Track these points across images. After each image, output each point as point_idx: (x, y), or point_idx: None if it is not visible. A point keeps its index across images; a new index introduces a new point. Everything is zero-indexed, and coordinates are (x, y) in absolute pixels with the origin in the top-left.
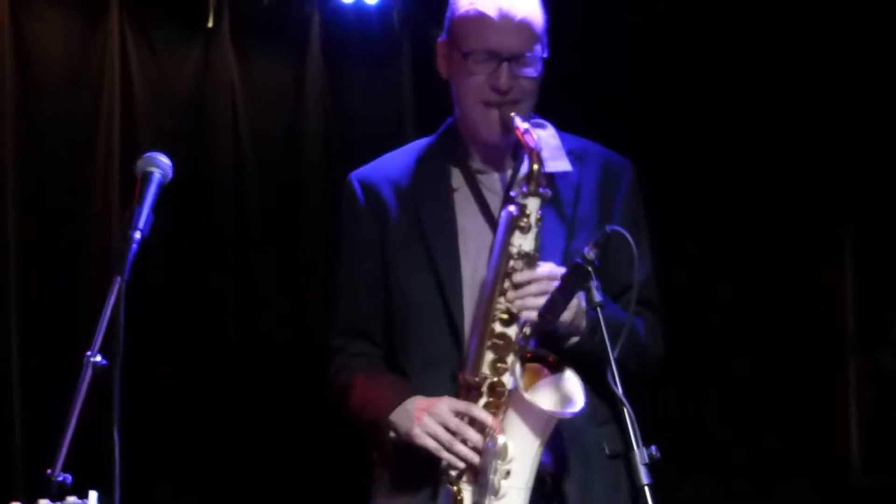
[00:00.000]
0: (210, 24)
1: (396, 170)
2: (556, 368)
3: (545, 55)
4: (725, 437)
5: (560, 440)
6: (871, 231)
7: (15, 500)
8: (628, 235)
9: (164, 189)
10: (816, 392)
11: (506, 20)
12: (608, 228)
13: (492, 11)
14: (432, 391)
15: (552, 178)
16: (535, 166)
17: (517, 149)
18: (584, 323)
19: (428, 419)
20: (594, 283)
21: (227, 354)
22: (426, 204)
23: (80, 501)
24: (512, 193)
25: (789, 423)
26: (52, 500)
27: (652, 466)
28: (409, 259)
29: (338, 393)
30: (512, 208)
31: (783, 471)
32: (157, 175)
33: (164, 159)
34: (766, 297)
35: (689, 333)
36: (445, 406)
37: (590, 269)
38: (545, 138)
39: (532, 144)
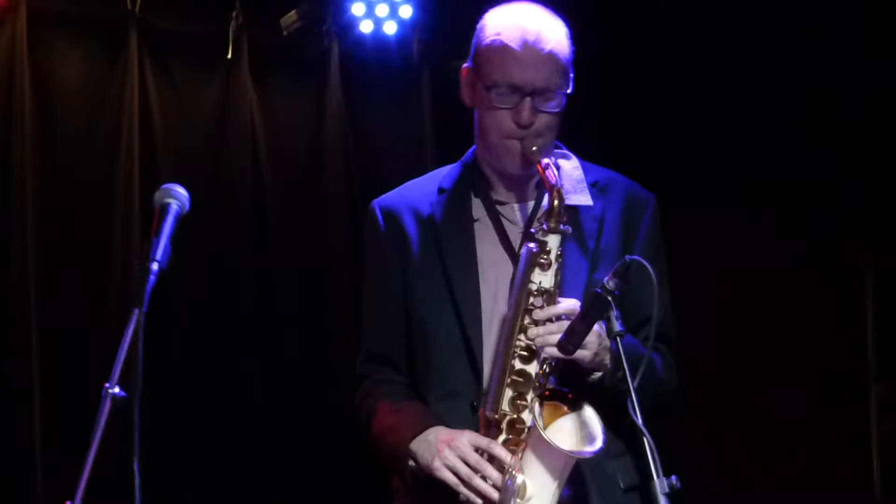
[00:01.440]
0: (229, 56)
1: (418, 198)
2: (574, 405)
3: (570, 90)
4: (749, 467)
5: (576, 473)
6: (891, 266)
7: None
8: (648, 266)
9: (182, 220)
10: (839, 421)
11: (531, 54)
12: (628, 258)
13: (517, 44)
14: (451, 421)
15: (575, 210)
16: (556, 203)
17: (539, 180)
18: (607, 358)
19: (448, 452)
20: (614, 313)
21: (249, 384)
22: (447, 233)
23: None
24: (532, 230)
25: (812, 453)
26: None
27: (672, 496)
28: (428, 288)
29: (362, 419)
30: (532, 245)
31: (806, 500)
32: (174, 206)
33: (182, 190)
34: (788, 328)
35: (711, 365)
36: (466, 440)
37: (609, 298)
38: (568, 171)
39: (553, 181)
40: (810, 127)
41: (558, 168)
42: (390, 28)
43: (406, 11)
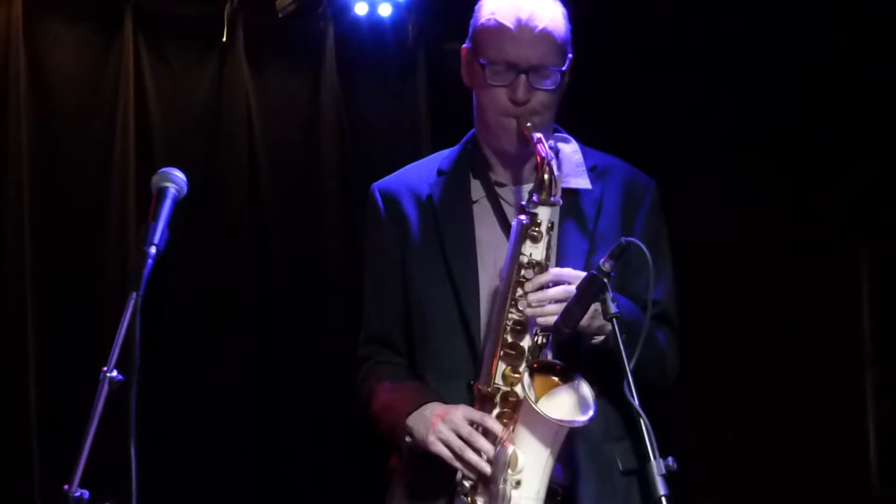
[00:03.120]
0: (224, 39)
1: (417, 180)
2: (566, 377)
3: (565, 68)
4: (745, 452)
5: (574, 454)
6: (886, 250)
7: None
8: (644, 247)
9: (179, 205)
10: (835, 405)
11: (525, 32)
12: (624, 240)
13: (511, 23)
14: (449, 400)
15: (574, 194)
16: (546, 175)
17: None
18: (608, 325)
19: (442, 426)
20: (609, 295)
21: (243, 368)
22: (445, 215)
23: None
24: (523, 203)
25: (808, 436)
26: None
27: (668, 478)
28: (427, 270)
29: (363, 398)
30: (523, 217)
31: (802, 484)
32: (172, 190)
33: (179, 174)
34: (785, 313)
35: (709, 349)
36: (460, 414)
37: (605, 280)
38: (567, 154)
39: (543, 153)
40: (809, 112)
41: (558, 151)
42: (385, 10)
43: None
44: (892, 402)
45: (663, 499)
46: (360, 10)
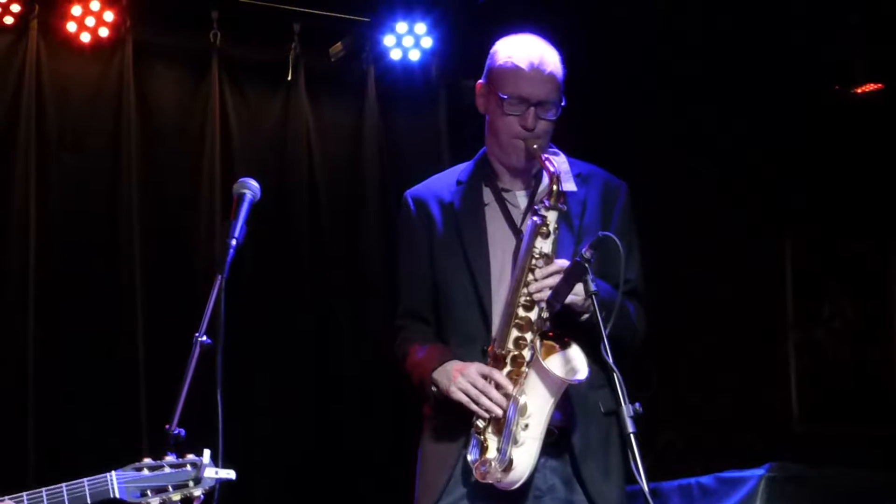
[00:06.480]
0: (289, 78)
1: (441, 188)
2: (566, 346)
3: (563, 103)
4: (695, 396)
5: (566, 400)
6: (804, 242)
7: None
8: (617, 239)
9: (254, 207)
10: (765, 359)
11: (536, 73)
12: (601, 234)
13: (525, 66)
14: (466, 360)
15: (563, 195)
16: (555, 187)
17: (536, 172)
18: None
19: (461, 378)
20: (590, 277)
21: (303, 333)
22: (463, 215)
23: (197, 458)
24: (536, 207)
25: (744, 384)
26: (175, 454)
27: (636, 419)
28: (450, 259)
29: (399, 358)
30: (536, 219)
31: (740, 421)
32: (248, 195)
33: (255, 183)
34: (728, 291)
35: (670, 317)
36: (474, 369)
37: (586, 265)
38: (558, 164)
39: (553, 169)
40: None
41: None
42: (415, 55)
43: (427, 42)
44: (808, 358)
45: (632, 435)
46: (395, 55)
